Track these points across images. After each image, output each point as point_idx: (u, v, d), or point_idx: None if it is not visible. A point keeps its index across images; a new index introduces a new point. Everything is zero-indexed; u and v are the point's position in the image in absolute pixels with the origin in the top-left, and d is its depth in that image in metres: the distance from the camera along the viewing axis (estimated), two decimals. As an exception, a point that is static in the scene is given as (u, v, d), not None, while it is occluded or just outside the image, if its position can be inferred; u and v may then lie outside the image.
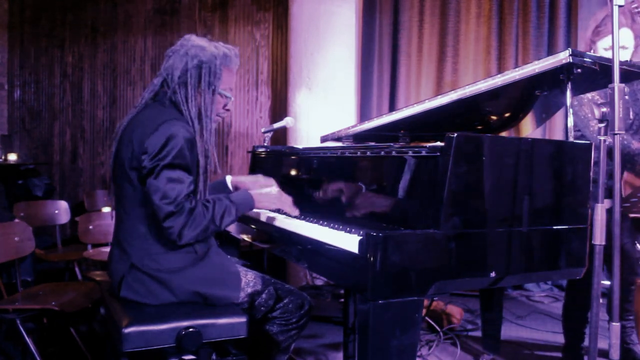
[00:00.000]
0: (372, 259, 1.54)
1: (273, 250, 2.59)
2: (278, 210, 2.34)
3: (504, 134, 2.75)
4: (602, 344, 1.86)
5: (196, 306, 2.05)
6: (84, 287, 3.12)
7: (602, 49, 2.73)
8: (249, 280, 2.17)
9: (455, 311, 3.68)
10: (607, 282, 3.07)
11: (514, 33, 5.18)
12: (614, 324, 1.73)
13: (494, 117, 2.64)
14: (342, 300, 3.18)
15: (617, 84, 1.75)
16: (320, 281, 4.59)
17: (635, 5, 2.71)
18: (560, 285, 4.87)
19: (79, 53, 6.21)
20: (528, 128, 2.87)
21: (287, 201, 2.28)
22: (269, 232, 2.43)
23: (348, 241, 1.67)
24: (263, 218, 2.39)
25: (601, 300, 1.88)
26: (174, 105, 2.10)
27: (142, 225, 2.05)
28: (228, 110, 2.23)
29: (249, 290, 2.15)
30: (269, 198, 2.24)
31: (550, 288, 4.93)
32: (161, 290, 2.02)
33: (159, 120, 1.98)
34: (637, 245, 2.67)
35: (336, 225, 1.93)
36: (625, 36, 2.71)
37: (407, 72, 5.39)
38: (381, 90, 5.46)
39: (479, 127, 2.73)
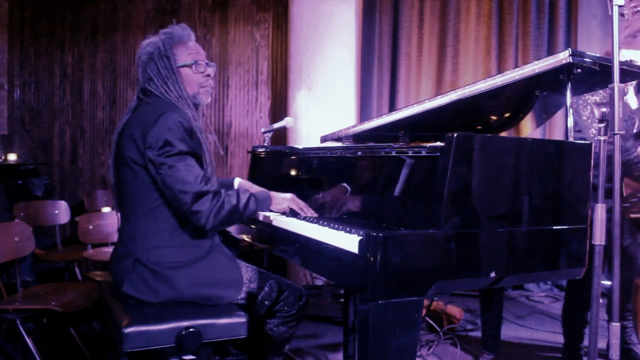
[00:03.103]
0: (372, 259, 1.54)
1: (273, 250, 2.59)
2: (289, 212, 2.34)
3: (504, 134, 2.75)
4: (602, 344, 1.86)
5: (196, 306, 2.05)
6: (84, 288, 3.12)
7: (624, 59, 2.69)
8: (250, 276, 2.20)
9: (455, 311, 3.68)
10: (608, 282, 3.06)
11: (514, 33, 5.19)
12: (613, 324, 1.73)
13: (494, 117, 2.64)
14: (342, 300, 3.19)
15: (616, 83, 1.75)
16: (320, 281, 4.59)
17: (634, 4, 2.69)
18: (560, 285, 4.87)
19: (79, 53, 6.21)
20: (528, 128, 2.87)
21: (300, 204, 2.30)
22: (268, 232, 2.43)
23: (348, 241, 1.67)
24: (263, 218, 2.39)
25: (601, 301, 1.88)
26: (164, 99, 2.14)
27: (148, 221, 2.07)
28: (208, 76, 2.25)
29: (251, 286, 2.17)
30: (284, 199, 2.29)
31: (550, 288, 4.93)
32: (162, 287, 2.02)
33: (156, 114, 2.02)
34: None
35: (336, 225, 1.92)
36: None
37: (407, 72, 5.40)
38: (381, 90, 5.46)
39: (479, 127, 2.73)
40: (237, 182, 2.57)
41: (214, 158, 2.24)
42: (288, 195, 2.31)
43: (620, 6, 1.80)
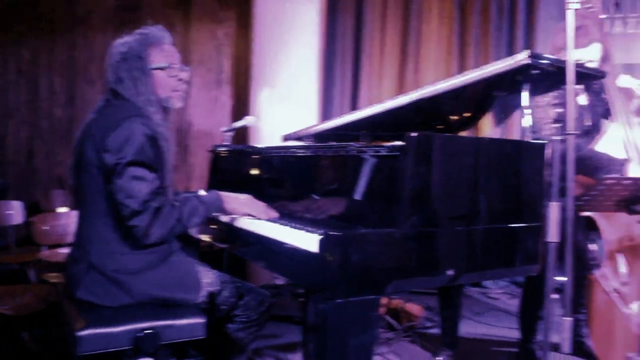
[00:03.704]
0: (330, 258, 1.54)
1: (233, 250, 2.58)
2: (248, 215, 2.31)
3: (464, 133, 2.78)
4: (557, 338, 1.90)
5: (154, 307, 2.02)
6: (39, 290, 3.04)
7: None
8: (209, 280, 2.16)
9: (414, 309, 3.72)
10: (563, 279, 3.14)
11: (475, 34, 5.27)
12: (565, 319, 1.78)
13: (454, 117, 2.68)
14: (302, 299, 3.18)
15: (570, 85, 1.79)
16: (280, 280, 4.58)
17: (588, 5, 2.73)
18: (517, 282, 4.96)
19: (36, 49, 6.05)
20: (488, 127, 2.92)
21: (257, 206, 2.24)
22: (229, 232, 2.41)
23: (308, 240, 1.67)
24: (223, 218, 2.37)
25: (557, 296, 1.92)
26: (131, 102, 2.08)
27: (104, 225, 2.01)
28: (181, 80, 2.21)
29: (210, 290, 2.14)
30: (238, 201, 2.23)
31: (508, 285, 5.02)
32: (118, 292, 1.98)
33: (118, 118, 1.97)
34: (592, 246, 2.74)
35: (297, 225, 1.92)
36: (595, 51, 2.76)
37: (370, 72, 5.43)
38: (343, 89, 5.48)
39: (440, 127, 2.76)
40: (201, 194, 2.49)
41: (173, 162, 2.19)
42: (244, 197, 2.25)
43: (576, 9, 1.86)
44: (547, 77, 2.10)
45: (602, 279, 2.61)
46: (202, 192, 2.46)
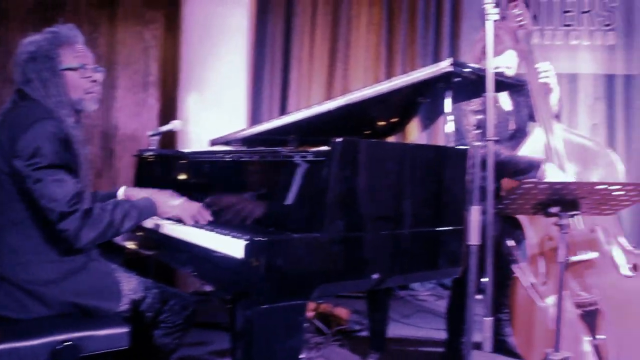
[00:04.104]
0: (256, 263, 1.53)
1: (159, 257, 2.52)
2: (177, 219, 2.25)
3: (391, 138, 2.84)
4: (479, 338, 1.96)
5: (74, 318, 1.94)
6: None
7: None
8: (132, 287, 2.10)
9: (343, 313, 3.75)
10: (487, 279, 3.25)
11: (402, 41, 5.39)
12: (486, 319, 1.83)
13: (381, 122, 2.72)
14: (230, 305, 3.15)
15: (490, 92, 1.86)
16: (209, 287, 4.51)
17: (520, 19, 2.88)
18: (444, 284, 5.09)
19: (-52, 47, 5.73)
20: (414, 133, 2.98)
21: (191, 209, 2.18)
22: (154, 239, 2.35)
23: (234, 246, 1.65)
24: (149, 224, 2.31)
25: (480, 297, 1.98)
26: (41, 103, 2.00)
27: (16, 234, 1.92)
28: (95, 81, 2.13)
29: (133, 297, 2.09)
30: (172, 205, 2.17)
31: (434, 287, 5.14)
32: (33, 304, 1.90)
33: (29, 120, 1.88)
34: (509, 242, 2.84)
35: (223, 231, 1.89)
36: (510, 57, 2.89)
37: (299, 77, 5.45)
38: (272, 94, 5.48)
39: (367, 132, 2.80)
40: (122, 191, 2.37)
41: (91, 167, 2.12)
42: (177, 201, 2.19)
43: (495, 21, 1.93)
44: (469, 85, 2.16)
45: (519, 274, 2.71)
46: (122, 191, 2.37)
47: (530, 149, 2.86)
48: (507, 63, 2.89)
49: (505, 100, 3.04)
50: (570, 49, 5.31)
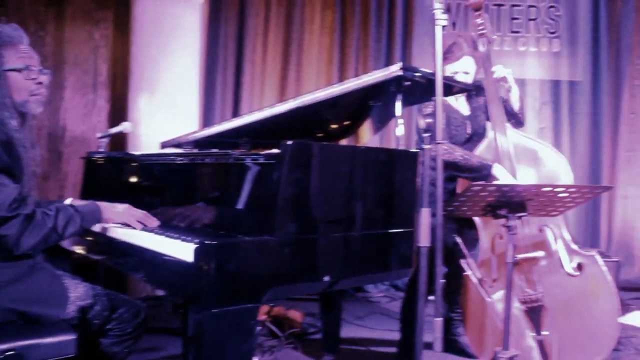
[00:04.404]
0: (206, 267, 1.52)
1: (108, 262, 2.46)
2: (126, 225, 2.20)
3: (344, 141, 2.85)
4: (432, 338, 1.99)
5: (18, 326, 1.88)
6: None
7: (449, 73, 2.96)
8: (79, 293, 2.05)
9: (296, 315, 3.74)
10: (441, 280, 3.31)
11: (355, 45, 5.44)
12: (436, 319, 1.86)
13: (334, 125, 2.73)
14: (182, 310, 3.11)
15: (439, 96, 1.89)
16: (162, 292, 4.45)
17: (481, 27, 2.99)
18: (396, 285, 5.15)
19: None
20: (367, 135, 3.01)
21: (136, 215, 2.13)
22: (103, 243, 2.30)
23: (183, 250, 1.63)
24: (97, 228, 2.26)
25: (432, 297, 2.01)
26: None
27: None
28: (41, 83, 2.07)
29: (80, 304, 2.03)
30: (117, 211, 2.12)
31: (387, 288, 5.19)
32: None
33: None
34: (457, 238, 2.89)
35: (173, 234, 1.86)
36: (468, 63, 2.97)
37: (252, 79, 5.44)
38: (225, 96, 5.45)
39: (320, 135, 2.81)
40: (69, 202, 2.30)
41: (40, 168, 2.06)
42: (121, 207, 2.14)
43: (443, 27, 1.96)
44: (420, 89, 2.19)
45: (467, 269, 2.77)
46: (69, 201, 2.32)
47: (484, 151, 2.94)
48: (465, 68, 2.97)
49: (463, 106, 3.12)
50: (518, 55, 5.46)
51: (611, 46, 5.50)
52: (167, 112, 4.70)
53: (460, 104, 3.11)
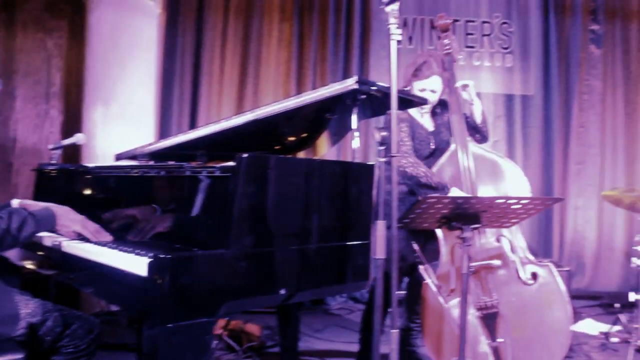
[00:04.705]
0: (160, 281, 1.50)
1: (60, 277, 2.40)
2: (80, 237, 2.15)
3: (302, 153, 2.86)
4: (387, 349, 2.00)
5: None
6: None
7: (418, 89, 3.07)
8: (30, 310, 1.99)
9: (254, 329, 3.72)
10: (402, 292, 3.35)
11: (313, 58, 5.48)
12: (392, 331, 1.87)
13: (291, 138, 2.74)
14: (137, 326, 3.05)
15: (394, 110, 1.92)
16: (115, 307, 4.35)
17: (448, 47, 3.12)
18: (355, 297, 5.16)
19: None
20: (325, 148, 3.02)
21: (91, 227, 2.10)
22: (54, 258, 2.24)
23: (137, 264, 1.61)
24: (47, 242, 2.20)
25: (390, 309, 2.02)
26: None
27: None
28: None
29: (30, 320, 1.97)
30: (72, 219, 2.07)
31: (346, 301, 5.20)
32: None
33: None
34: (415, 245, 2.93)
35: (127, 248, 1.83)
36: (436, 82, 3.07)
37: (209, 92, 5.42)
38: (182, 109, 5.41)
39: (277, 147, 2.81)
40: (16, 203, 2.23)
41: None
42: (78, 217, 2.10)
43: (398, 41, 1.99)
44: (376, 102, 2.22)
45: (425, 275, 2.80)
46: (16, 202, 2.24)
47: (445, 164, 3.02)
48: (432, 87, 3.07)
49: (428, 122, 3.19)
50: (472, 70, 5.58)
51: (561, 62, 5.69)
52: (123, 123, 4.63)
53: (425, 120, 3.19)
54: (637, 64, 5.69)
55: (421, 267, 2.79)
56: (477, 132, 3.20)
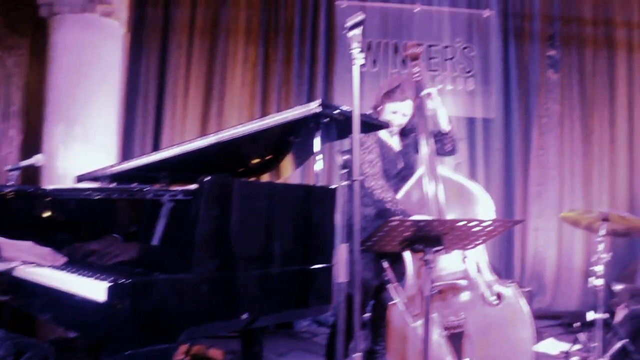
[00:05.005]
0: (120, 306, 1.47)
1: (14, 303, 2.33)
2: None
3: (265, 176, 2.85)
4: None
5: None
6: None
7: (390, 110, 3.12)
8: (-20, 338, 1.93)
9: (217, 354, 3.66)
10: (367, 314, 3.35)
11: (278, 80, 5.50)
12: (354, 355, 1.87)
13: (255, 160, 2.73)
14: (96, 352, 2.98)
15: (356, 134, 1.94)
16: (73, 333, 4.23)
17: (417, 75, 3.20)
18: (319, 320, 5.13)
19: None
20: (289, 171, 3.02)
21: (41, 253, 2.05)
22: (8, 283, 2.17)
23: (96, 289, 1.57)
24: (1, 267, 2.14)
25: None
26: None
27: None
28: None
29: (-20, 349, 1.91)
30: (19, 248, 2.02)
31: (310, 324, 5.16)
32: None
33: None
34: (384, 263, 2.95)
35: (85, 273, 1.80)
36: (408, 107, 3.13)
37: (173, 113, 5.39)
38: (145, 130, 5.36)
39: (241, 170, 2.80)
40: None
41: None
42: (24, 244, 2.06)
43: (362, 65, 2.02)
44: (339, 125, 2.24)
45: (393, 294, 2.81)
46: None
47: (414, 186, 3.07)
48: (404, 111, 3.13)
49: (396, 142, 3.23)
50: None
51: (521, 86, 5.83)
52: (85, 144, 4.55)
53: (393, 140, 3.23)
54: (592, 89, 5.87)
55: (390, 286, 2.81)
56: (446, 142, 3.25)
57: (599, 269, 3.59)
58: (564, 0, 5.89)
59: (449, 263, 2.92)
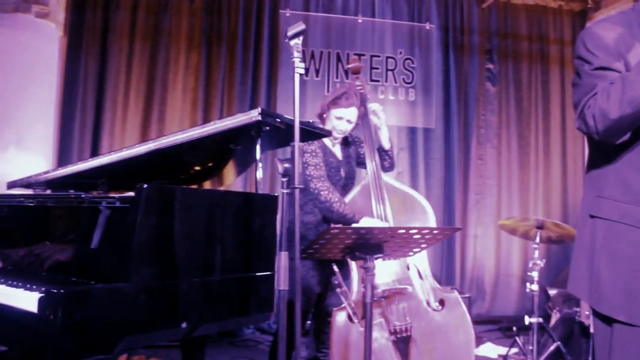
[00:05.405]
0: (52, 317, 1.42)
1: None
2: None
3: (207, 183, 2.83)
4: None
5: None
6: None
7: (335, 116, 3.15)
8: None
9: (157, 364, 3.59)
10: (308, 322, 3.36)
11: (220, 87, 5.45)
12: (296, 363, 1.87)
13: (197, 167, 2.71)
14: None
15: (297, 142, 1.94)
16: (2, 347, 4.06)
17: (360, 87, 3.32)
18: (262, 328, 5.10)
19: None
20: (231, 178, 3.00)
21: None
22: None
23: (27, 299, 1.52)
24: None
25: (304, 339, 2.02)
26: None
27: None
28: None
29: None
30: None
31: (253, 332, 5.12)
32: None
33: None
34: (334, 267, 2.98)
35: (16, 282, 1.73)
36: (353, 114, 3.17)
37: (112, 118, 5.26)
38: (83, 135, 5.21)
39: (183, 177, 2.76)
40: None
41: None
42: None
43: (301, 74, 2.03)
44: (279, 133, 2.24)
45: (342, 297, 2.83)
46: None
47: (357, 195, 3.13)
48: (349, 117, 3.16)
49: (338, 151, 3.26)
50: (377, 103, 5.74)
51: (460, 97, 5.99)
52: (18, 149, 4.40)
53: (336, 149, 3.27)
54: (528, 101, 6.09)
55: (339, 290, 2.83)
56: (386, 158, 3.33)
57: (535, 274, 3.72)
58: (501, 16, 6.10)
59: (394, 270, 2.98)
